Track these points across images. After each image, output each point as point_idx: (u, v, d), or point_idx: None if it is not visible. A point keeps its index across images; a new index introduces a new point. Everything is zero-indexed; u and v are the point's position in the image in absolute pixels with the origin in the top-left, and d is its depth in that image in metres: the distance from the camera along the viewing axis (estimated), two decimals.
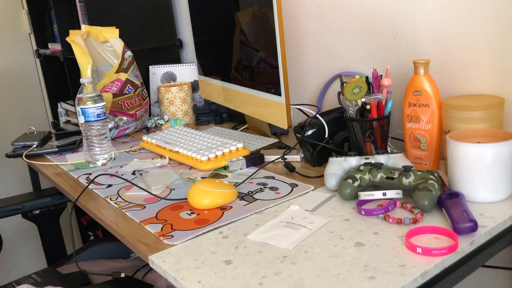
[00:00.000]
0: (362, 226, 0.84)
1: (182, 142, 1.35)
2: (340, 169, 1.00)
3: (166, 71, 1.89)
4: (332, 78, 1.42)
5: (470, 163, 0.85)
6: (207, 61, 1.59)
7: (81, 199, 1.11)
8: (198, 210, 0.97)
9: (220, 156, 1.22)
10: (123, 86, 1.54)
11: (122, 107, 1.56)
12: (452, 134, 0.92)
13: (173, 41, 2.08)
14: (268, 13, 1.14)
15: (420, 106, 1.02)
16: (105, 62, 1.64)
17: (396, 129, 1.26)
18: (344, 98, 1.09)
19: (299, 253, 0.77)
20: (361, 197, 0.91)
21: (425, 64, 1.01)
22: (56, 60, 2.39)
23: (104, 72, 1.65)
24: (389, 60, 1.25)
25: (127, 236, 0.90)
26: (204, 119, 1.72)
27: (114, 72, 1.53)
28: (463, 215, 0.78)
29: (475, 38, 1.06)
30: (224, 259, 0.77)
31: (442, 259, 0.72)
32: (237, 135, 1.46)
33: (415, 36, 1.17)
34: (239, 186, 1.07)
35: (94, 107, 1.26)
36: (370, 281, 0.67)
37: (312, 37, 1.46)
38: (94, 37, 1.61)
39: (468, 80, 1.09)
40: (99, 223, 1.02)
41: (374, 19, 1.26)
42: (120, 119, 1.53)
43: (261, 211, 0.94)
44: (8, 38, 2.54)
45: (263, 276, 0.71)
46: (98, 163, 1.31)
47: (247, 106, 1.36)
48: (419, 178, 0.88)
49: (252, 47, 1.27)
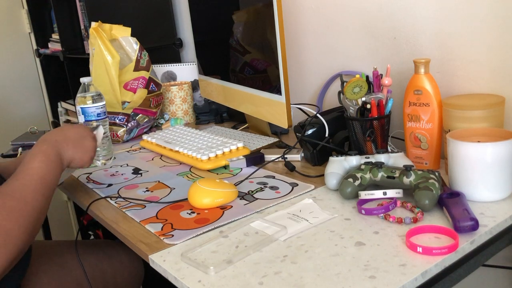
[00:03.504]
0: (363, 225, 0.84)
1: (182, 141, 1.35)
2: (341, 169, 1.00)
3: (166, 71, 1.89)
4: (333, 78, 1.42)
5: (471, 162, 0.85)
6: (207, 60, 1.58)
7: (81, 199, 1.11)
8: (199, 210, 0.97)
9: (220, 155, 1.22)
10: (148, 84, 1.55)
11: (150, 104, 1.56)
12: (452, 133, 0.92)
13: (173, 40, 2.08)
14: (268, 12, 1.13)
15: (420, 105, 1.02)
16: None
17: (396, 128, 1.26)
18: (345, 97, 1.09)
19: (300, 253, 0.77)
20: (361, 197, 0.91)
21: (425, 63, 1.01)
22: (56, 60, 2.38)
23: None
24: (389, 59, 1.25)
25: (127, 236, 0.90)
26: (204, 119, 1.72)
27: (132, 70, 1.53)
28: (464, 213, 0.78)
29: (476, 37, 1.06)
30: (225, 259, 0.77)
31: (443, 258, 0.72)
32: (237, 134, 1.46)
33: (415, 35, 1.17)
34: (239, 186, 1.07)
35: (94, 107, 1.26)
36: (371, 281, 0.67)
37: (313, 36, 1.46)
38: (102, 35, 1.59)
39: (468, 79, 1.09)
40: (99, 222, 1.02)
41: (374, 18, 1.26)
42: (142, 118, 1.53)
43: (261, 211, 0.94)
44: (8, 38, 2.54)
45: (264, 275, 0.71)
46: (98, 162, 1.31)
47: (247, 105, 1.36)
48: (420, 177, 0.88)
49: (252, 46, 1.27)
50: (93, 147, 1.02)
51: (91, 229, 2.32)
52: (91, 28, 1.49)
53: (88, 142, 1.01)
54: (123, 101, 1.52)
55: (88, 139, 1.01)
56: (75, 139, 0.99)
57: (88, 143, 1.01)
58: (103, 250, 1.25)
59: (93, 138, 1.02)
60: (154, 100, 1.58)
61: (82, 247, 1.23)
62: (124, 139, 1.54)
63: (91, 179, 1.22)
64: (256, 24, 1.22)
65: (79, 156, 0.98)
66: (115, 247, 1.28)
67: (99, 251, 1.24)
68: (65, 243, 1.24)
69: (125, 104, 1.52)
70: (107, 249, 1.26)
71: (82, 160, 0.99)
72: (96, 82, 1.49)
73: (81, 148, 0.99)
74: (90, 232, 2.33)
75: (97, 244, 1.28)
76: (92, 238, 2.32)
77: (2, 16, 2.52)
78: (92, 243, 1.29)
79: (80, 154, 0.99)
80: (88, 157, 1.00)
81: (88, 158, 1.00)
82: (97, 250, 1.24)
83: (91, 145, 1.01)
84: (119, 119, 1.52)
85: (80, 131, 1.01)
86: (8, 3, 2.53)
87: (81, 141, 1.00)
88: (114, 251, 1.27)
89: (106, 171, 1.27)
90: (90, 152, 1.01)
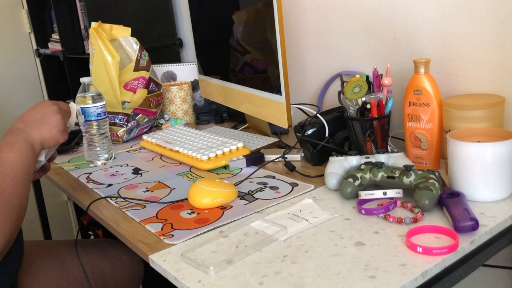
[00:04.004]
0: (363, 225, 0.84)
1: (182, 141, 1.35)
2: (341, 169, 1.00)
3: (166, 71, 1.89)
4: (333, 78, 1.42)
5: (471, 162, 0.85)
6: (207, 60, 1.58)
7: (81, 199, 1.11)
8: (199, 210, 0.97)
9: (220, 155, 1.22)
10: (148, 84, 1.55)
11: (150, 104, 1.56)
12: (452, 133, 0.92)
13: (173, 40, 2.08)
14: (268, 12, 1.13)
15: (420, 105, 1.02)
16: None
17: (396, 128, 1.26)
18: (345, 97, 1.09)
19: (300, 253, 0.77)
20: (361, 197, 0.91)
21: (425, 63, 1.01)
22: (56, 60, 2.39)
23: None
24: (389, 59, 1.25)
25: (127, 236, 0.90)
26: (204, 119, 1.72)
27: (132, 70, 1.53)
28: (464, 213, 0.78)
29: (476, 37, 1.06)
30: (225, 259, 0.76)
31: (443, 258, 0.72)
32: (237, 134, 1.46)
33: (415, 35, 1.17)
34: (239, 186, 1.07)
35: (94, 107, 1.26)
36: (371, 280, 0.67)
37: (313, 36, 1.46)
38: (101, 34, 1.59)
39: (468, 79, 1.09)
40: (99, 222, 1.02)
41: (374, 18, 1.26)
42: (142, 118, 1.53)
43: (261, 211, 0.94)
44: (8, 38, 2.54)
45: (264, 275, 0.71)
46: (98, 162, 1.31)
47: (247, 105, 1.36)
48: (420, 177, 0.88)
49: (252, 46, 1.27)
50: (59, 121, 0.97)
51: (91, 229, 2.32)
52: (91, 28, 1.49)
53: (51, 118, 0.97)
54: (123, 101, 1.51)
55: (51, 115, 0.97)
56: (36, 119, 0.96)
57: (52, 119, 0.97)
58: (103, 250, 1.25)
59: (56, 112, 0.98)
60: (154, 100, 1.58)
61: (82, 247, 1.23)
62: (124, 139, 1.54)
63: (91, 179, 1.22)
64: (256, 24, 1.22)
65: (47, 134, 0.96)
66: (115, 247, 1.28)
67: (99, 250, 1.24)
68: (64, 243, 1.24)
69: (125, 104, 1.52)
70: (107, 249, 1.26)
71: (53, 137, 0.96)
72: (96, 82, 1.49)
73: (46, 126, 0.96)
74: (90, 232, 2.33)
75: (97, 243, 1.28)
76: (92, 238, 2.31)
77: (2, 16, 2.52)
78: (92, 242, 1.29)
79: (47, 132, 0.96)
80: (57, 131, 0.97)
81: (57, 133, 0.97)
82: (97, 250, 1.24)
83: (56, 119, 0.97)
84: (119, 119, 1.52)
85: (40, 110, 0.98)
86: (8, 3, 2.53)
87: (43, 120, 0.96)
88: (114, 250, 1.27)
89: (106, 171, 1.27)
90: (58, 126, 0.97)
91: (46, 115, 0.97)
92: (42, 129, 0.95)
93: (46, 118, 0.97)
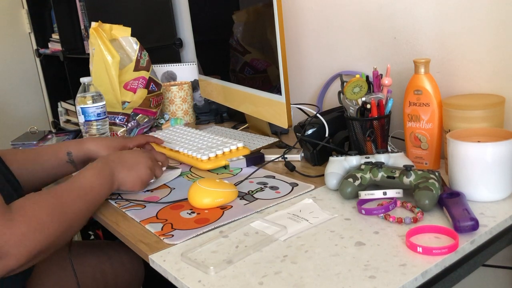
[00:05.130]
0: (363, 225, 0.84)
1: (182, 141, 1.35)
2: (341, 168, 1.00)
3: (166, 70, 1.89)
4: (333, 78, 1.42)
5: (471, 162, 0.85)
6: (207, 60, 1.59)
7: None
8: (199, 210, 0.97)
9: (220, 155, 1.22)
10: (148, 84, 1.55)
11: (150, 104, 1.56)
12: (452, 133, 0.92)
13: (173, 40, 2.08)
14: (268, 12, 1.13)
15: (420, 105, 1.02)
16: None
17: (396, 128, 1.26)
18: (345, 97, 1.09)
19: (300, 253, 0.77)
20: (361, 196, 0.91)
21: (425, 63, 1.01)
22: (56, 60, 2.39)
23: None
24: (389, 59, 1.25)
25: (127, 236, 0.90)
26: (204, 119, 1.72)
27: (132, 70, 1.53)
28: (464, 213, 0.78)
29: (476, 37, 1.06)
30: (225, 259, 0.77)
31: (443, 258, 0.72)
32: (237, 134, 1.46)
33: (415, 35, 1.17)
34: (239, 186, 1.07)
35: (94, 107, 1.26)
36: (371, 280, 0.67)
37: (313, 36, 1.46)
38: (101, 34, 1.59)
39: (468, 79, 1.09)
40: (99, 222, 1.02)
41: (374, 18, 1.26)
42: (142, 118, 1.53)
43: (261, 211, 0.94)
44: (8, 38, 2.54)
45: (264, 275, 0.71)
46: None
47: (247, 105, 1.36)
48: (420, 177, 0.88)
49: (252, 46, 1.27)
50: (146, 175, 1.04)
51: (91, 229, 2.32)
52: (91, 28, 1.49)
53: (143, 169, 1.03)
54: (123, 101, 1.51)
55: (144, 166, 1.03)
56: (131, 163, 1.02)
57: (142, 170, 1.03)
58: (104, 251, 1.25)
59: (148, 167, 1.04)
60: (154, 100, 1.58)
61: (83, 248, 1.23)
62: None
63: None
64: (256, 24, 1.22)
65: (131, 180, 1.02)
66: (115, 248, 1.28)
67: (100, 252, 1.24)
68: (66, 244, 1.24)
69: (125, 104, 1.52)
70: (108, 250, 1.26)
71: (132, 185, 1.02)
72: (96, 82, 1.49)
73: (134, 172, 1.02)
74: (90, 232, 2.33)
75: (98, 244, 1.28)
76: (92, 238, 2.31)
77: (2, 16, 2.52)
78: (92, 243, 1.29)
79: (132, 178, 1.02)
80: (139, 182, 1.03)
81: (139, 184, 1.03)
82: (97, 251, 1.24)
83: (145, 172, 1.03)
84: (119, 119, 1.52)
85: (137, 156, 1.04)
86: (8, 3, 2.53)
87: (136, 166, 1.03)
88: (114, 251, 1.27)
89: None
90: (143, 178, 1.03)
91: (138, 164, 1.03)
92: (130, 173, 1.02)
93: (139, 166, 1.03)
